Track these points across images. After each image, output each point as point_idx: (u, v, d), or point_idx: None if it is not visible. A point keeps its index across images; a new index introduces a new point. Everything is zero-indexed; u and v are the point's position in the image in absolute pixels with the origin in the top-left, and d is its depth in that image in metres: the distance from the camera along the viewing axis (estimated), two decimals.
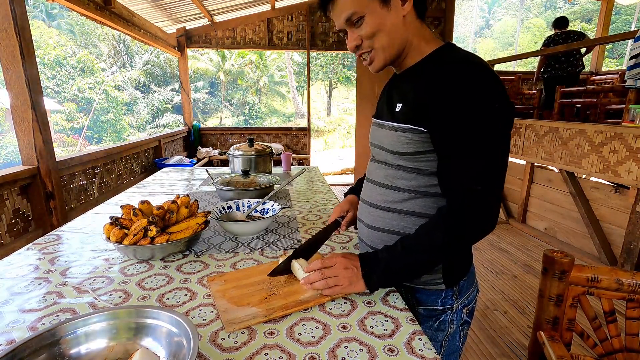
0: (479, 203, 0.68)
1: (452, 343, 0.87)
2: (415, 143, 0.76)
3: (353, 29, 0.77)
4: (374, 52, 0.78)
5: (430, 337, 0.85)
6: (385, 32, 0.75)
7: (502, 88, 0.69)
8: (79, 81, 14.79)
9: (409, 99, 0.77)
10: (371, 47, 0.77)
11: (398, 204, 0.82)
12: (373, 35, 0.75)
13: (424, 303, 0.85)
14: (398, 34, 0.76)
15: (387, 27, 0.75)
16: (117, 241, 0.92)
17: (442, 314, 0.85)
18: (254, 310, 0.71)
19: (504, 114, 0.69)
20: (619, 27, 20.51)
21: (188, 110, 6.20)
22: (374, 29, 0.74)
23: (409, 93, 0.78)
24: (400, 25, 0.76)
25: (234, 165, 1.91)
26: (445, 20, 5.75)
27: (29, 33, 2.11)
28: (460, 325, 0.87)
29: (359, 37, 0.77)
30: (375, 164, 0.89)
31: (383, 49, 0.77)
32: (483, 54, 25.16)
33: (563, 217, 3.48)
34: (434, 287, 0.83)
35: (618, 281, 0.84)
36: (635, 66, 2.86)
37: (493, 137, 0.68)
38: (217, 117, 19.73)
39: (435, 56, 0.77)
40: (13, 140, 12.40)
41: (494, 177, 0.69)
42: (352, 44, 0.79)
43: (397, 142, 0.79)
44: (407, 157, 0.78)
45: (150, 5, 4.31)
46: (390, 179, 0.83)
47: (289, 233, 1.18)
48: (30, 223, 2.25)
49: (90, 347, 0.57)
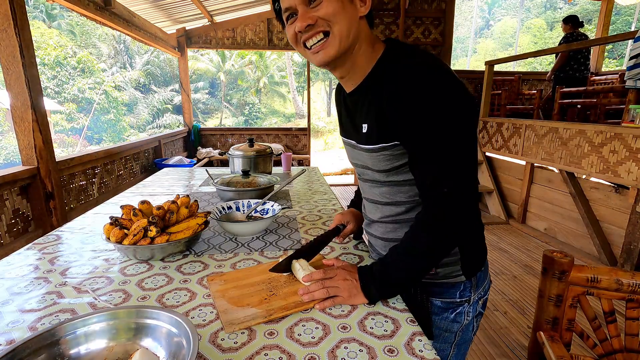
0: (449, 204, 0.69)
1: (466, 333, 0.89)
2: (397, 157, 0.76)
3: (307, 8, 0.71)
4: (330, 38, 0.72)
5: (444, 327, 0.87)
6: (346, 19, 0.71)
7: (457, 86, 0.68)
8: (79, 81, 14.79)
9: (372, 119, 0.75)
10: (327, 30, 0.71)
11: (403, 215, 0.83)
12: (333, 16, 0.70)
13: (442, 295, 0.85)
14: (354, 28, 0.73)
15: (348, 15, 0.71)
16: (117, 241, 0.92)
17: (460, 306, 0.85)
18: (253, 311, 0.71)
19: (462, 112, 0.68)
20: (619, 28, 20.52)
21: (188, 111, 6.20)
22: (335, 10, 0.69)
23: (370, 112, 0.76)
24: (357, 21, 0.73)
25: (234, 166, 1.91)
26: (445, 21, 5.75)
27: (29, 33, 2.11)
28: (474, 317, 0.88)
29: (314, 17, 0.70)
30: (366, 183, 0.89)
31: (341, 36, 0.71)
32: (483, 54, 25.18)
33: (563, 217, 3.48)
34: (454, 279, 0.83)
35: (618, 281, 0.84)
36: (635, 66, 2.86)
37: (452, 138, 0.68)
38: (217, 117, 19.73)
39: (383, 66, 0.76)
40: (13, 140, 12.41)
41: (460, 177, 0.69)
42: (304, 22, 0.71)
43: (379, 162, 0.78)
44: (394, 172, 0.78)
45: (150, 6, 4.31)
46: (388, 195, 0.83)
47: (289, 233, 1.18)
48: (30, 223, 2.25)
49: (90, 348, 0.57)
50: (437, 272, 0.83)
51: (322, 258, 0.95)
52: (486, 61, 4.45)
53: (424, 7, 5.69)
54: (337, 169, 8.71)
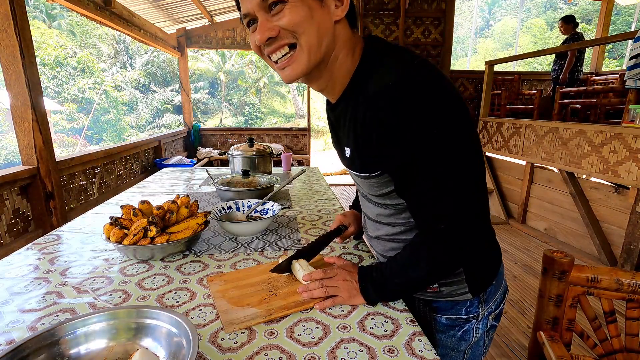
0: (447, 240, 0.64)
1: (476, 350, 0.82)
2: (385, 184, 0.69)
3: (267, 15, 0.60)
4: (297, 52, 0.61)
5: (451, 347, 0.80)
6: (314, 27, 0.60)
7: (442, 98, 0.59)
8: (79, 81, 14.79)
9: (352, 144, 0.69)
10: (293, 42, 0.61)
11: (401, 235, 0.79)
12: (298, 26, 0.59)
13: (447, 312, 0.78)
14: (326, 36, 0.62)
15: (317, 23, 0.60)
16: (117, 241, 0.92)
17: (467, 323, 0.78)
18: (253, 311, 0.71)
19: (452, 131, 0.59)
20: (619, 28, 20.51)
21: (188, 111, 6.20)
22: (300, 18, 0.58)
23: (349, 137, 0.69)
24: (330, 28, 0.62)
25: (234, 166, 1.91)
26: (445, 21, 5.75)
27: (29, 33, 2.11)
28: (485, 332, 0.81)
29: (275, 27, 0.59)
30: (363, 199, 0.85)
31: (309, 47, 0.61)
32: (483, 54, 25.17)
33: (563, 217, 3.48)
34: (459, 297, 0.76)
35: (618, 281, 0.84)
36: (635, 66, 2.86)
37: (445, 164, 0.59)
38: (217, 117, 19.73)
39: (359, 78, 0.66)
40: (13, 140, 12.41)
41: (458, 207, 0.62)
42: (263, 35, 0.60)
43: (370, 187, 0.73)
44: (386, 197, 0.73)
45: (150, 6, 4.32)
46: (383, 217, 0.79)
47: (288, 233, 1.18)
48: (30, 223, 2.25)
49: (90, 348, 0.57)
50: (440, 290, 0.76)
51: (322, 258, 0.95)
52: (486, 61, 4.45)
53: (424, 7, 5.68)
54: (337, 169, 8.70)
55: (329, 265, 0.91)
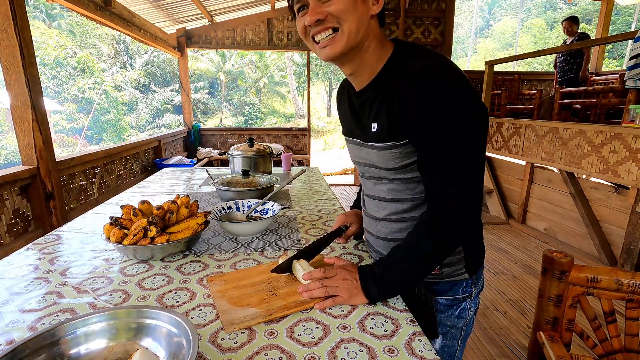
0: (455, 204, 0.70)
1: (469, 328, 0.92)
2: (407, 155, 0.76)
3: (318, 2, 0.71)
4: (338, 35, 0.72)
5: (451, 324, 0.89)
6: (356, 17, 0.71)
7: (472, 94, 0.70)
8: (79, 81, 14.79)
9: (384, 119, 0.75)
10: (336, 26, 0.71)
11: (407, 213, 0.83)
12: (343, 13, 0.70)
13: (446, 293, 0.88)
14: (363, 26, 0.73)
15: (358, 13, 0.71)
16: (117, 241, 0.92)
17: (463, 301, 0.88)
18: (253, 311, 0.71)
19: (474, 118, 0.70)
20: (619, 28, 20.51)
21: (188, 111, 6.20)
22: (346, 7, 0.69)
23: (380, 112, 0.76)
24: (367, 20, 0.73)
25: (234, 166, 1.91)
26: (445, 21, 5.75)
27: (29, 33, 2.11)
28: (475, 311, 0.91)
29: (324, 12, 0.70)
30: (371, 181, 0.88)
31: (349, 33, 0.71)
32: (483, 54, 25.18)
33: (563, 217, 3.48)
34: (458, 277, 0.85)
35: (618, 281, 0.84)
36: (635, 66, 2.86)
37: (464, 141, 0.69)
38: (217, 117, 19.74)
39: (393, 66, 0.76)
40: (13, 140, 12.41)
41: (467, 179, 0.70)
42: (313, 17, 0.71)
43: (388, 160, 0.78)
44: (403, 170, 0.79)
45: (151, 6, 4.31)
46: (394, 192, 0.83)
47: (289, 233, 1.18)
48: (30, 223, 2.25)
49: (90, 348, 0.57)
50: (441, 272, 0.85)
51: (322, 258, 0.95)
52: (486, 61, 4.45)
53: (424, 7, 5.69)
54: (337, 169, 8.71)
55: (329, 265, 0.91)
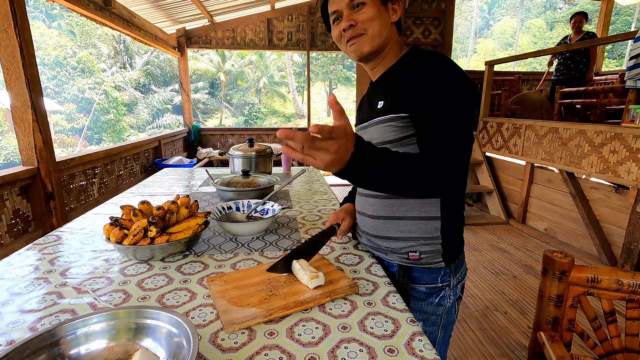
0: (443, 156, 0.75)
1: (449, 316, 0.97)
2: (402, 129, 0.84)
3: (351, 12, 0.86)
4: (365, 38, 0.87)
5: (431, 312, 0.95)
6: (379, 23, 0.86)
7: (468, 79, 0.81)
8: (79, 81, 14.80)
9: (390, 96, 0.87)
10: (363, 32, 0.86)
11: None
12: (369, 21, 0.85)
13: (425, 281, 0.94)
14: (385, 31, 0.88)
15: (382, 20, 0.87)
16: (117, 242, 0.92)
17: (442, 290, 0.93)
18: (253, 311, 0.71)
19: (469, 96, 0.80)
20: (619, 28, 20.52)
21: (188, 111, 6.20)
22: (372, 16, 0.85)
23: (388, 92, 0.88)
24: (388, 26, 0.89)
25: (234, 166, 1.91)
26: (445, 21, 5.75)
27: (29, 33, 2.11)
28: (455, 300, 0.96)
29: (356, 19, 0.86)
30: None
31: (373, 36, 0.87)
32: (483, 54, 25.18)
33: (563, 217, 3.48)
34: (435, 265, 0.91)
35: (618, 281, 0.84)
36: (635, 66, 2.86)
37: (458, 111, 0.78)
38: (217, 117, 19.73)
39: (406, 58, 0.90)
40: (13, 140, 12.41)
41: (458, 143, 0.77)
42: (346, 23, 0.87)
43: (385, 132, 0.87)
44: (398, 144, 0.85)
45: (150, 6, 4.32)
46: None
47: (289, 233, 1.18)
48: (30, 223, 2.25)
49: (90, 348, 0.57)
50: (420, 258, 0.91)
51: (322, 258, 0.95)
52: (486, 61, 4.45)
53: (424, 7, 5.69)
54: None
55: (330, 266, 0.91)
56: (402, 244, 0.91)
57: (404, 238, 0.91)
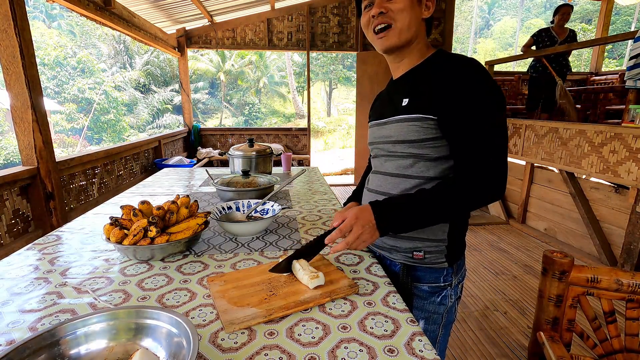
0: (494, 171, 0.78)
1: (450, 315, 0.98)
2: (425, 130, 0.84)
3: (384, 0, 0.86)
4: (392, 29, 0.86)
5: (433, 310, 0.96)
6: (410, 15, 0.85)
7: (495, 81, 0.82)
8: (79, 82, 14.80)
9: (416, 93, 0.86)
10: (392, 21, 0.86)
11: (409, 191, 0.90)
12: (401, 11, 0.84)
13: (428, 280, 0.94)
14: (415, 25, 0.87)
15: (413, 13, 0.86)
16: (117, 241, 0.92)
17: (444, 289, 0.94)
18: (253, 311, 0.71)
19: (501, 98, 0.81)
20: (619, 28, 20.50)
21: (188, 111, 6.20)
22: (404, 7, 0.84)
23: (415, 88, 0.87)
24: (419, 21, 0.88)
25: (234, 166, 1.91)
26: (445, 21, 5.75)
27: (29, 33, 2.11)
28: (456, 300, 0.98)
29: (387, 7, 0.85)
30: (381, 158, 0.98)
31: (402, 29, 0.86)
32: (483, 54, 25.17)
33: (563, 217, 3.48)
34: (438, 265, 0.92)
35: (618, 281, 0.84)
36: (635, 66, 2.86)
37: (498, 117, 0.79)
38: (217, 117, 19.73)
39: (434, 59, 0.89)
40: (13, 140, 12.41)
41: (502, 150, 0.80)
42: (378, 9, 0.86)
43: (408, 132, 0.87)
44: (418, 145, 0.86)
45: (150, 6, 4.31)
46: (402, 168, 0.91)
47: (289, 233, 1.18)
48: (30, 223, 2.25)
49: (90, 348, 0.57)
50: (424, 258, 0.92)
51: (322, 258, 0.95)
52: (486, 61, 4.45)
53: None
54: (337, 169, 8.71)
55: (330, 266, 0.91)
56: (408, 244, 0.92)
57: (410, 238, 0.92)
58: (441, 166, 0.86)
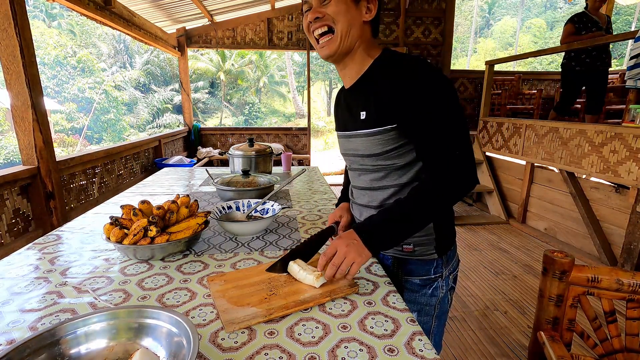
0: (461, 164, 0.79)
1: (443, 305, 0.99)
2: (388, 142, 0.85)
3: (319, 4, 0.85)
4: (333, 36, 0.85)
5: (425, 302, 0.97)
6: (347, 20, 0.83)
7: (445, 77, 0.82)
8: (79, 81, 14.79)
9: (372, 106, 0.86)
10: (332, 25, 0.84)
11: (387, 200, 0.93)
12: (336, 14, 0.83)
13: (418, 273, 0.96)
14: (355, 30, 0.85)
15: (350, 17, 0.84)
16: (117, 241, 0.92)
17: (434, 281, 0.96)
18: (253, 310, 0.71)
19: (452, 91, 0.81)
20: (619, 27, 20.50)
21: (188, 110, 6.20)
22: (339, 10, 0.83)
23: (368, 100, 0.87)
24: (359, 25, 0.86)
25: (234, 165, 1.91)
26: (445, 20, 5.75)
27: (29, 33, 2.11)
28: (448, 290, 0.99)
29: (323, 12, 0.84)
30: (356, 172, 0.99)
31: (341, 34, 0.84)
32: (483, 54, 25.17)
33: (563, 217, 3.48)
34: (428, 257, 0.94)
35: (618, 281, 0.84)
36: (635, 66, 2.86)
37: (453, 111, 0.80)
38: (217, 117, 19.72)
39: (380, 62, 0.88)
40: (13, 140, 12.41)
41: (464, 141, 0.80)
42: (313, 15, 0.85)
43: (372, 146, 0.88)
44: (384, 157, 0.88)
45: (150, 5, 4.31)
46: (375, 182, 0.93)
47: (289, 233, 1.18)
48: (30, 223, 2.25)
49: (90, 347, 0.57)
50: (414, 250, 0.93)
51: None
52: (486, 61, 4.45)
53: (424, 6, 5.68)
54: (337, 168, 8.70)
55: None
56: None
57: None
58: (412, 170, 0.88)
